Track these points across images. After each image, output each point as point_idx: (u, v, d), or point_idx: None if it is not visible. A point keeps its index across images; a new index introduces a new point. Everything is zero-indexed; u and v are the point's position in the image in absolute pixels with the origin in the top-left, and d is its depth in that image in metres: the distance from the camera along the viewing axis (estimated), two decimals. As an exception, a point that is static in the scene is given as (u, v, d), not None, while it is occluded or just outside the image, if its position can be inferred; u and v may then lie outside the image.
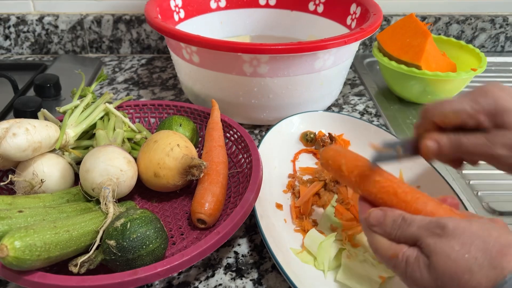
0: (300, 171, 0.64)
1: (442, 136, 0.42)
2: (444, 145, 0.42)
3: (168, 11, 0.82)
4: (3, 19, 0.98)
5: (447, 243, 0.34)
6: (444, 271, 0.33)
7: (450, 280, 0.33)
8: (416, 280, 0.35)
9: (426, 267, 0.34)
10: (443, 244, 0.34)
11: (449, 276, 0.33)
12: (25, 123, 0.50)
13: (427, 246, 0.35)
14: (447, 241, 0.34)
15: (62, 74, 0.86)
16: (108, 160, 0.50)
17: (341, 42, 0.64)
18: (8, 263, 0.38)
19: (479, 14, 1.06)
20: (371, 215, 0.40)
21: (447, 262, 0.33)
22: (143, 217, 0.45)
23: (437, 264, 0.33)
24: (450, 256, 0.33)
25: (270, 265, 0.50)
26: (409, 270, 0.35)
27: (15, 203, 0.46)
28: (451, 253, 0.33)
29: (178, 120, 0.63)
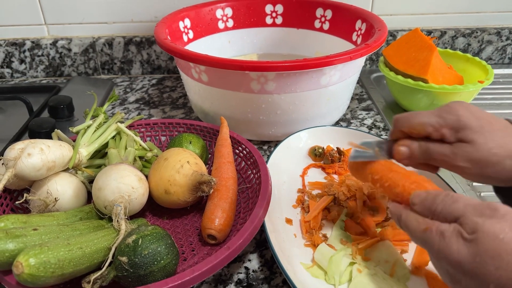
0: (309, 186, 0.64)
1: (413, 143, 0.47)
2: (414, 150, 0.47)
3: (177, 32, 0.84)
4: (18, 44, 1.01)
5: (497, 224, 0.34)
6: (487, 250, 0.33)
7: (491, 258, 0.33)
8: (451, 253, 0.35)
9: (465, 243, 0.35)
10: (493, 224, 0.34)
11: (491, 255, 0.33)
12: (39, 143, 0.51)
13: (473, 223, 0.35)
14: (497, 222, 0.34)
15: (75, 95, 0.88)
16: (119, 178, 0.51)
17: (346, 58, 0.65)
18: (23, 280, 0.39)
19: (485, 27, 1.06)
20: (414, 194, 0.42)
21: (494, 240, 0.33)
22: (154, 233, 0.46)
23: (482, 241, 0.34)
24: (497, 236, 0.33)
25: (281, 280, 0.50)
26: (444, 243, 0.36)
27: (29, 221, 0.47)
28: (500, 233, 0.33)
29: (188, 137, 0.65)
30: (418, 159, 0.47)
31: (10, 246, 0.41)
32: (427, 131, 0.45)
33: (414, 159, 0.47)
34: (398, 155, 0.48)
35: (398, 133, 0.48)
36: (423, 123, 0.45)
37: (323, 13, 0.92)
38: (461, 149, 0.43)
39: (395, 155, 0.48)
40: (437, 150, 0.45)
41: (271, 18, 0.96)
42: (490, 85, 0.82)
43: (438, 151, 0.45)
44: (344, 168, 0.67)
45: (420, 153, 0.46)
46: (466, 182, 0.66)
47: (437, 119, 0.44)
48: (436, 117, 0.44)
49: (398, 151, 0.48)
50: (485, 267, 0.33)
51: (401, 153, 0.47)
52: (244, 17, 0.95)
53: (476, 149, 0.43)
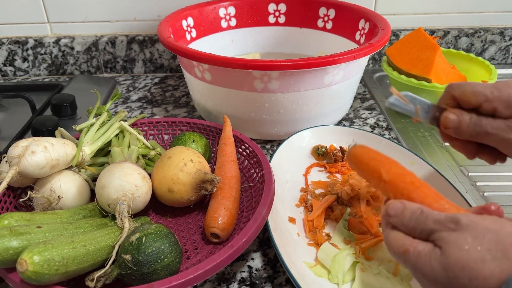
0: (312, 185, 0.64)
1: (464, 113, 0.43)
2: (464, 121, 0.43)
3: (180, 31, 0.84)
4: (21, 42, 1.01)
5: (460, 235, 0.34)
6: (456, 261, 0.33)
7: (461, 270, 0.33)
8: (427, 273, 0.35)
9: (437, 259, 0.34)
10: (457, 236, 0.34)
11: (461, 266, 0.33)
12: (43, 141, 0.51)
13: (440, 238, 0.35)
14: (460, 234, 0.34)
15: (78, 94, 0.88)
16: (123, 176, 0.51)
17: (350, 57, 0.65)
18: (27, 278, 0.39)
19: (488, 27, 1.06)
20: (390, 205, 0.40)
21: (459, 252, 0.33)
22: (157, 232, 0.46)
23: (449, 254, 0.34)
24: (462, 247, 0.33)
25: (284, 279, 0.50)
26: (420, 263, 0.35)
27: (33, 219, 0.47)
28: (464, 244, 0.33)
29: (191, 136, 0.64)
30: (466, 131, 0.44)
31: (14, 243, 0.41)
32: (478, 100, 0.42)
33: (462, 130, 0.44)
34: (446, 121, 0.44)
35: (447, 100, 0.45)
36: (476, 92, 0.42)
37: (326, 12, 0.92)
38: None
39: (443, 121, 0.45)
40: (490, 123, 0.42)
41: (274, 17, 0.96)
42: (494, 85, 0.82)
43: (491, 123, 0.42)
44: (347, 167, 0.67)
45: (469, 124, 0.43)
46: (470, 182, 0.66)
47: (492, 90, 0.42)
48: (492, 88, 0.42)
49: (447, 117, 0.44)
50: (458, 280, 0.33)
51: (449, 120, 0.44)
52: (247, 16, 0.95)
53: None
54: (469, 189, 0.65)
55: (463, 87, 0.43)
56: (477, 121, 0.43)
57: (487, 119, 0.42)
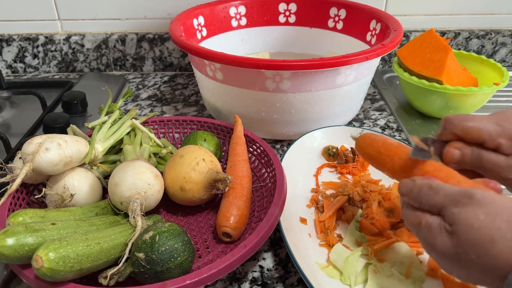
0: (323, 186, 0.64)
1: (466, 147, 0.43)
2: (466, 155, 0.43)
3: (191, 29, 0.84)
4: (32, 39, 1.02)
5: (472, 211, 0.34)
6: (466, 239, 0.34)
7: (471, 248, 0.33)
8: (436, 246, 0.36)
9: (447, 235, 0.35)
10: (468, 212, 0.34)
11: (470, 245, 0.33)
12: (57, 138, 0.52)
13: (451, 214, 0.35)
14: (472, 210, 0.34)
15: (88, 91, 0.88)
16: (136, 174, 0.51)
17: (362, 58, 0.64)
18: (42, 274, 0.39)
19: (499, 29, 1.06)
20: (402, 184, 0.41)
21: (469, 231, 0.33)
22: (171, 230, 0.46)
23: (460, 233, 0.34)
24: (473, 225, 0.33)
25: (295, 279, 0.50)
26: (430, 236, 0.36)
27: (47, 216, 0.48)
28: (475, 222, 0.33)
29: (203, 135, 0.65)
30: (467, 165, 0.44)
31: (30, 240, 0.41)
32: (482, 138, 0.42)
33: (464, 163, 0.44)
34: (450, 157, 0.44)
35: (449, 135, 0.45)
36: (479, 129, 0.42)
37: (337, 13, 0.91)
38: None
39: (446, 155, 0.44)
40: (491, 159, 0.42)
41: (284, 16, 0.96)
42: (505, 88, 0.82)
43: (492, 160, 0.42)
44: (358, 168, 0.66)
45: (471, 159, 0.43)
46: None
47: (495, 127, 0.41)
48: (494, 124, 0.42)
49: (450, 152, 0.44)
50: (467, 256, 0.34)
51: (453, 156, 0.44)
52: (258, 15, 0.95)
53: None
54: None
55: (464, 123, 0.43)
56: (478, 155, 0.43)
57: (489, 154, 0.42)
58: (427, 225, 0.37)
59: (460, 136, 0.44)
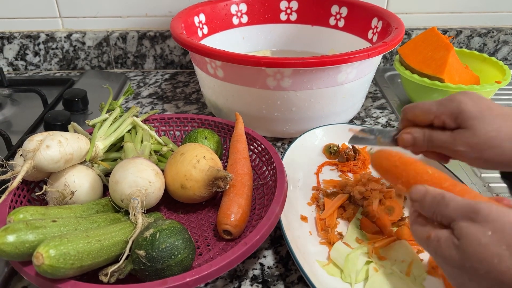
0: (324, 184, 0.64)
1: (417, 131, 0.49)
2: (417, 138, 0.49)
3: (192, 27, 0.84)
4: (33, 37, 1.02)
5: (479, 228, 0.34)
6: (473, 254, 0.34)
7: (478, 263, 0.34)
8: (446, 260, 0.36)
9: (455, 249, 0.35)
10: (475, 228, 0.35)
11: (477, 260, 0.34)
12: (58, 136, 0.52)
13: (459, 228, 0.36)
14: (479, 226, 0.34)
15: (89, 89, 0.88)
16: (137, 172, 0.51)
17: (364, 56, 0.64)
18: (43, 271, 0.39)
19: (501, 27, 1.05)
20: (414, 190, 0.41)
21: (476, 247, 0.34)
22: (171, 228, 0.46)
23: (467, 248, 0.34)
24: (480, 241, 0.34)
25: (296, 277, 0.50)
26: (439, 249, 0.37)
27: (48, 213, 0.48)
28: (482, 238, 0.34)
29: (203, 133, 0.64)
30: (422, 146, 0.49)
31: (30, 237, 0.41)
32: (429, 118, 0.47)
33: (419, 146, 0.49)
34: (402, 141, 0.50)
35: (405, 122, 0.51)
36: (425, 111, 0.48)
37: (339, 10, 0.91)
38: (460, 134, 0.45)
39: (399, 141, 0.51)
40: (439, 137, 0.47)
41: (285, 14, 0.96)
42: (507, 86, 0.82)
43: (439, 137, 0.47)
44: (359, 166, 0.66)
45: (423, 140, 0.48)
46: (483, 183, 0.66)
47: (438, 106, 0.47)
48: (438, 105, 0.47)
49: (402, 138, 0.50)
50: (476, 271, 0.34)
51: (405, 140, 0.50)
52: (259, 13, 0.95)
53: (473, 133, 0.44)
54: (482, 190, 0.64)
55: (414, 109, 0.49)
56: (429, 136, 0.48)
57: (437, 133, 0.47)
58: (437, 238, 0.37)
59: (413, 121, 0.49)
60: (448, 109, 0.46)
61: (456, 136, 0.45)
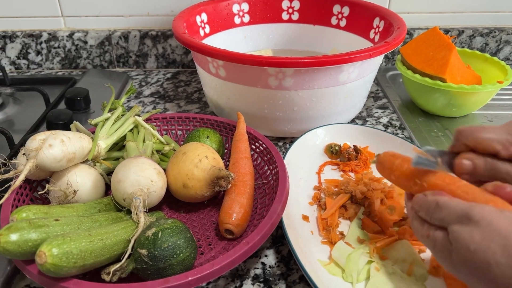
0: (326, 183, 0.64)
1: (478, 158, 0.42)
2: (478, 166, 0.42)
3: (194, 26, 0.84)
4: (35, 36, 1.02)
5: (469, 232, 0.35)
6: (464, 260, 0.35)
7: (469, 269, 0.35)
8: (442, 260, 0.38)
9: (449, 252, 0.36)
10: (466, 232, 0.35)
11: (468, 266, 0.35)
12: (60, 135, 0.52)
13: (451, 232, 0.36)
14: (469, 231, 0.35)
15: (91, 88, 0.88)
16: (139, 171, 0.51)
17: (366, 56, 0.64)
18: (45, 270, 0.39)
19: (503, 26, 1.05)
20: (415, 198, 0.42)
21: (467, 253, 0.35)
22: (173, 227, 0.46)
23: (458, 252, 0.35)
24: (469, 247, 0.34)
25: (297, 276, 0.50)
26: (437, 250, 0.38)
27: (50, 212, 0.48)
28: (471, 244, 0.34)
29: (205, 132, 0.65)
30: (480, 176, 0.43)
31: (33, 235, 0.41)
32: (495, 148, 0.41)
33: (477, 175, 0.43)
34: (460, 168, 0.43)
35: (460, 147, 0.44)
36: (491, 140, 0.41)
37: (340, 10, 0.91)
38: None
39: (457, 167, 0.43)
40: (507, 169, 0.41)
41: (287, 14, 0.96)
42: (509, 86, 0.81)
43: (507, 170, 0.41)
44: (361, 166, 0.66)
45: (485, 169, 0.42)
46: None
47: (507, 136, 0.41)
48: (506, 134, 0.41)
49: (460, 164, 0.43)
50: (468, 276, 0.35)
51: (464, 167, 0.43)
52: (261, 12, 0.95)
53: None
54: (484, 190, 0.64)
55: (475, 134, 0.42)
56: (492, 166, 0.42)
57: (504, 164, 0.41)
58: (433, 239, 0.39)
59: (472, 147, 0.43)
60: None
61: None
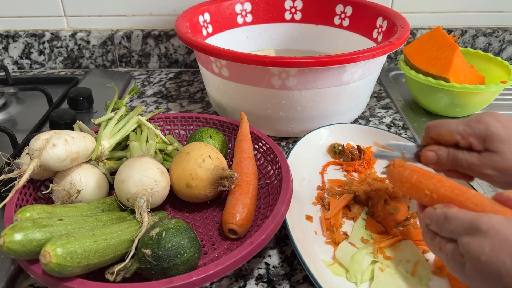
0: (329, 183, 0.64)
1: (441, 149, 0.48)
2: (441, 157, 0.48)
3: (197, 26, 0.84)
4: (38, 35, 1.02)
5: (478, 243, 0.35)
6: (475, 271, 0.35)
7: (481, 279, 0.35)
8: (458, 271, 0.38)
9: (461, 265, 0.37)
10: (475, 244, 0.36)
11: (479, 276, 0.35)
12: (64, 134, 0.52)
13: (461, 244, 0.37)
14: (479, 242, 0.35)
15: (94, 87, 0.88)
16: (142, 171, 0.51)
17: (369, 55, 0.64)
18: (50, 269, 0.39)
19: (506, 26, 1.05)
20: (425, 213, 0.43)
21: (478, 264, 0.35)
22: (177, 227, 0.46)
23: (470, 264, 0.36)
24: (480, 258, 0.35)
25: (301, 276, 0.50)
26: (449, 262, 0.39)
27: (54, 212, 0.48)
28: (481, 255, 0.35)
29: (209, 132, 0.65)
30: (446, 165, 0.48)
31: (38, 235, 0.41)
32: (454, 139, 0.47)
33: (442, 164, 0.48)
34: (425, 159, 0.49)
35: (428, 140, 0.50)
36: (451, 131, 0.47)
37: (343, 10, 0.91)
38: (488, 157, 0.45)
39: (422, 159, 0.50)
40: (465, 158, 0.46)
41: (290, 13, 0.96)
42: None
43: (465, 158, 0.46)
44: (364, 166, 0.66)
45: (447, 159, 0.48)
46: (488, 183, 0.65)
47: (465, 127, 0.46)
48: (465, 125, 0.46)
49: (425, 155, 0.49)
50: (480, 285, 0.36)
51: (428, 158, 0.49)
52: (263, 12, 0.95)
53: (502, 157, 0.44)
54: (487, 190, 0.64)
55: (438, 128, 0.48)
56: (454, 156, 0.47)
57: (463, 153, 0.47)
58: (445, 251, 0.39)
59: (437, 140, 0.49)
60: (475, 132, 0.45)
61: (484, 159, 0.45)
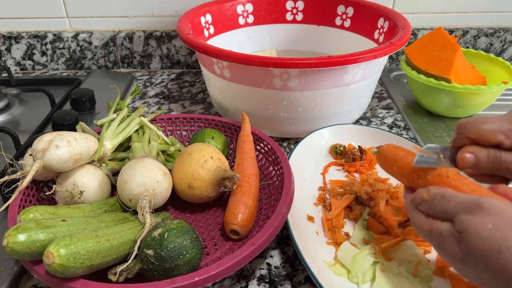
0: (330, 184, 0.64)
1: (481, 150, 0.42)
2: (481, 159, 0.42)
3: (198, 27, 0.84)
4: (40, 37, 1.03)
5: (480, 220, 0.34)
6: (474, 248, 0.34)
7: (479, 257, 0.34)
8: (448, 253, 0.37)
9: (456, 242, 0.36)
10: (476, 221, 0.35)
11: (478, 253, 0.34)
12: (66, 135, 0.52)
13: (460, 222, 0.36)
14: (480, 219, 0.34)
15: (96, 88, 0.89)
16: (145, 172, 0.51)
17: (371, 56, 0.64)
18: (53, 270, 0.39)
19: (507, 27, 1.05)
20: (417, 194, 0.42)
21: (477, 240, 0.34)
22: (179, 227, 0.46)
23: (468, 241, 0.35)
24: (481, 234, 0.34)
25: (303, 277, 0.50)
26: (442, 243, 0.37)
27: (57, 213, 0.48)
28: (482, 231, 0.34)
29: (210, 133, 0.65)
30: (485, 168, 0.42)
31: (41, 236, 0.42)
32: (498, 139, 0.41)
33: (481, 168, 0.42)
34: (463, 162, 0.42)
35: (463, 140, 0.43)
36: (493, 130, 0.41)
37: (345, 10, 0.91)
38: None
39: (459, 162, 0.43)
40: (510, 158, 0.40)
41: (291, 14, 0.96)
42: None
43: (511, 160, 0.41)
44: (366, 166, 0.66)
45: (488, 162, 0.41)
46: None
47: (510, 126, 0.40)
48: (509, 123, 0.41)
49: (463, 158, 0.42)
50: (477, 265, 0.34)
51: (466, 161, 0.42)
52: (265, 13, 0.95)
53: None
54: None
55: (478, 126, 0.42)
56: (496, 157, 0.41)
57: (507, 155, 0.41)
58: (438, 231, 0.38)
59: (475, 140, 0.42)
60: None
61: None
